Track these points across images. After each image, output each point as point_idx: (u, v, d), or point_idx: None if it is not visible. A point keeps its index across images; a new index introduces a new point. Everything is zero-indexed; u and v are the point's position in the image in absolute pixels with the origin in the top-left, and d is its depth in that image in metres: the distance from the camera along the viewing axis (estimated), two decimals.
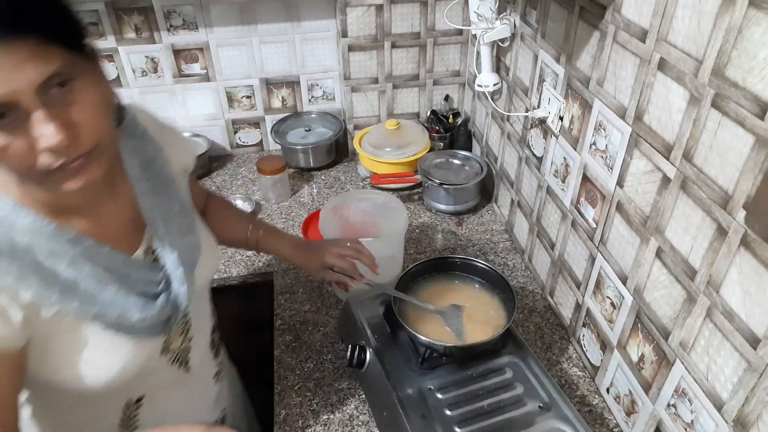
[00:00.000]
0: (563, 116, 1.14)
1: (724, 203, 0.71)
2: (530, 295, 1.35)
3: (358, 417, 1.07)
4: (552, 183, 1.24)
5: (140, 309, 0.73)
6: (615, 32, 0.92)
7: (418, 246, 1.49)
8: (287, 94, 1.87)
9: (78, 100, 0.61)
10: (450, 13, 1.64)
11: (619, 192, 0.96)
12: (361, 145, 1.73)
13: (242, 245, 1.10)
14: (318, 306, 1.31)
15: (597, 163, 1.03)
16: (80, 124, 0.61)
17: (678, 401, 0.86)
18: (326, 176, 1.81)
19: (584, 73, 1.04)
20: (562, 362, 1.18)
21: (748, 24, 0.64)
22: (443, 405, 0.94)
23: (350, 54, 1.70)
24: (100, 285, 0.70)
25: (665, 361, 0.88)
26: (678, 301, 0.83)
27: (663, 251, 0.86)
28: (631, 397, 1.00)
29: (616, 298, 1.01)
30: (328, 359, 1.18)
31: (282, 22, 1.71)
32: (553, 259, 1.27)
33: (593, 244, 1.07)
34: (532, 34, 1.26)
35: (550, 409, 0.93)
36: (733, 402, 0.74)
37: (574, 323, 1.19)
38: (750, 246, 0.68)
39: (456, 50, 1.76)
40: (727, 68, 0.68)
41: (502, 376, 0.99)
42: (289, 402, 1.10)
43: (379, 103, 1.82)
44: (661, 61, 0.81)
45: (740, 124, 0.67)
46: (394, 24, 1.67)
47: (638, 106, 0.88)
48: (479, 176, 1.58)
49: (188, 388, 0.90)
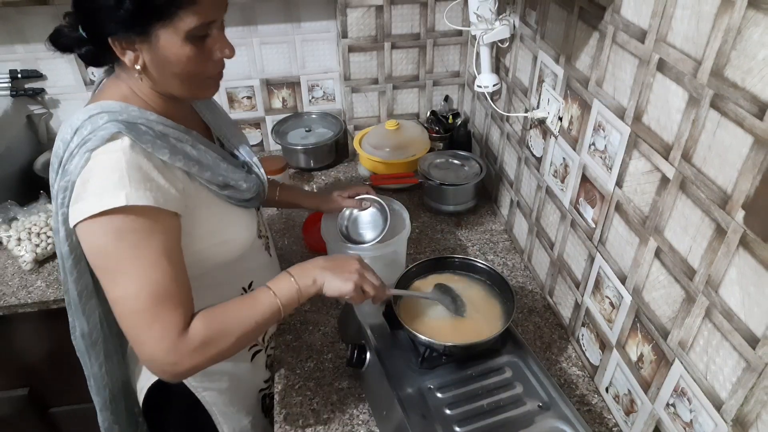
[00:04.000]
0: (562, 117, 1.15)
1: (723, 203, 0.72)
2: (530, 294, 1.35)
3: (358, 416, 1.07)
4: (551, 183, 1.24)
5: (245, 179, 0.94)
6: (614, 33, 0.92)
7: (418, 246, 1.50)
8: (288, 95, 1.87)
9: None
10: (450, 14, 1.64)
11: (618, 192, 0.96)
12: (361, 146, 1.74)
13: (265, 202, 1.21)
14: (318, 306, 1.32)
15: (596, 163, 1.03)
16: None
17: (677, 401, 0.86)
18: (326, 176, 1.82)
19: (583, 74, 1.04)
20: (561, 362, 1.18)
21: (747, 24, 0.64)
22: (443, 404, 0.94)
23: (350, 55, 1.71)
24: (216, 161, 0.89)
25: (664, 361, 0.88)
26: (677, 301, 0.83)
27: (662, 251, 0.86)
28: (630, 397, 1.00)
29: (615, 298, 1.01)
30: (328, 359, 1.18)
31: (282, 22, 1.72)
32: (553, 259, 1.27)
33: (592, 244, 1.07)
34: (532, 35, 1.26)
35: (550, 409, 0.93)
36: (732, 401, 0.74)
37: (574, 323, 1.20)
38: (749, 246, 0.68)
39: (456, 51, 1.76)
40: (726, 69, 0.68)
41: (501, 376, 0.99)
42: (289, 401, 1.10)
43: (379, 103, 1.83)
44: (660, 62, 0.81)
45: (739, 124, 0.67)
46: (394, 25, 1.67)
47: (637, 106, 0.88)
48: (479, 176, 1.58)
49: (274, 273, 0.99)
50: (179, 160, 0.82)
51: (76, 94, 1.76)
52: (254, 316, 0.83)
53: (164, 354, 0.77)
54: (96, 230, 0.76)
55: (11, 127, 1.69)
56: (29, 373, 1.58)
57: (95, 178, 0.76)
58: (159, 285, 0.76)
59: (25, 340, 1.49)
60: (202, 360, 0.79)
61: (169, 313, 0.77)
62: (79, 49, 0.82)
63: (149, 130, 0.81)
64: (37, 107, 1.77)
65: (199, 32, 0.78)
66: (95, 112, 0.80)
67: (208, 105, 1.03)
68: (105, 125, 0.78)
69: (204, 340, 0.78)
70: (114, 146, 0.77)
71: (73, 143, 0.79)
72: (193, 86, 0.85)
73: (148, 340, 0.77)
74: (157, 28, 0.76)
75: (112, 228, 0.75)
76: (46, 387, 1.63)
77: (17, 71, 1.68)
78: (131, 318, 0.77)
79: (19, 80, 1.70)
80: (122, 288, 0.77)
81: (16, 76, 1.68)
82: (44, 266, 1.45)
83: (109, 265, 0.78)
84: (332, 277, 0.88)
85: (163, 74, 0.82)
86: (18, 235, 1.43)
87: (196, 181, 0.86)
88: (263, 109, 1.88)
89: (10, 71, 1.68)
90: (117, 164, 0.76)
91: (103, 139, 0.77)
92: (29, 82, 1.72)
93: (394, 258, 1.26)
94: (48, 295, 1.37)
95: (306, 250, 1.49)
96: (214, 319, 0.81)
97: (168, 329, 0.76)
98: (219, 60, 0.84)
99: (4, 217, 1.47)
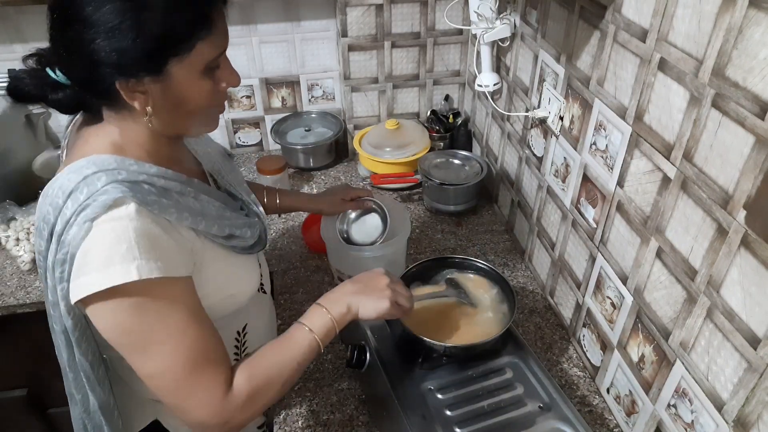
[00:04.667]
0: (563, 116, 1.14)
1: (724, 203, 0.71)
2: (530, 295, 1.35)
3: (358, 417, 1.06)
4: (552, 183, 1.23)
5: (249, 226, 0.89)
6: (615, 32, 0.92)
7: (418, 246, 1.49)
8: (287, 94, 1.86)
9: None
10: (450, 12, 1.63)
11: (620, 192, 0.96)
12: (361, 145, 1.73)
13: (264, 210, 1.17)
14: None
15: (597, 163, 1.03)
16: None
17: (678, 401, 0.86)
18: (326, 176, 1.81)
19: (584, 73, 1.04)
20: (562, 362, 1.18)
21: (749, 24, 0.64)
22: (443, 405, 0.94)
23: (350, 54, 1.70)
24: (219, 210, 0.84)
25: (665, 362, 0.88)
26: (678, 302, 0.83)
27: (663, 251, 0.86)
28: (631, 398, 0.99)
29: (617, 299, 1.01)
30: (328, 359, 1.18)
31: (282, 21, 1.71)
32: (554, 259, 1.27)
33: (593, 244, 1.07)
34: (533, 34, 1.26)
35: (551, 410, 0.93)
36: (733, 402, 0.74)
37: (575, 323, 1.19)
38: (750, 246, 0.67)
39: (456, 50, 1.76)
40: (727, 68, 0.68)
41: (502, 377, 0.99)
42: (289, 402, 1.10)
43: (379, 102, 1.82)
44: (662, 61, 0.81)
45: (740, 124, 0.67)
46: (394, 24, 1.66)
47: (638, 105, 0.88)
48: (479, 176, 1.57)
49: (268, 310, 1.01)
50: (186, 219, 0.76)
51: None
52: (295, 357, 0.81)
53: (213, 417, 0.74)
54: (113, 308, 0.70)
55: (10, 127, 1.68)
56: (28, 373, 1.58)
57: (100, 249, 0.68)
58: (194, 350, 0.73)
59: (24, 341, 1.48)
60: (251, 413, 0.77)
61: (210, 375, 0.74)
62: (54, 94, 0.74)
63: (152, 188, 0.74)
64: (35, 107, 1.77)
65: (214, 64, 0.74)
66: (90, 172, 0.71)
67: (205, 142, 0.98)
68: (105, 188, 0.69)
69: (250, 395, 0.76)
70: (119, 213, 0.69)
71: (67, 209, 0.70)
72: (202, 122, 0.81)
73: (195, 408, 0.74)
74: (172, 64, 0.70)
75: (130, 304, 0.70)
76: (45, 388, 1.62)
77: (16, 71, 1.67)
78: (172, 389, 0.73)
79: None
80: (156, 362, 0.72)
81: None
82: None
83: (136, 342, 0.72)
84: (366, 299, 0.86)
85: (176, 115, 0.76)
86: (16, 235, 1.43)
87: (201, 235, 0.80)
88: (262, 108, 1.87)
89: (9, 71, 1.67)
90: (124, 234, 0.68)
91: (106, 206, 0.68)
92: None
93: (394, 258, 1.25)
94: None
95: (305, 249, 1.49)
96: (256, 370, 0.78)
97: (212, 392, 0.74)
98: (224, 90, 0.79)
99: (3, 217, 1.47)
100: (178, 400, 0.74)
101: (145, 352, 0.72)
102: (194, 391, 0.73)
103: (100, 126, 0.78)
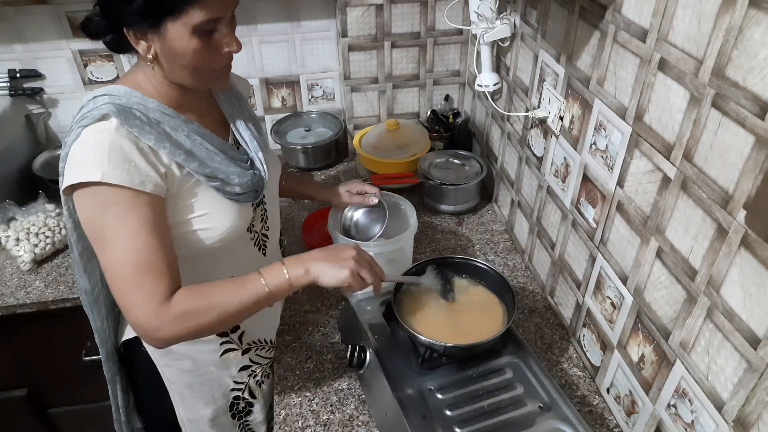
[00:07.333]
0: (563, 116, 1.14)
1: (724, 203, 0.71)
2: (530, 295, 1.35)
3: (358, 417, 1.06)
4: (552, 183, 1.23)
5: (238, 175, 0.95)
6: (615, 32, 0.92)
7: (418, 246, 1.49)
8: (287, 94, 1.87)
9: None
10: (450, 12, 1.63)
11: (620, 192, 0.96)
12: (361, 145, 1.73)
13: (279, 190, 1.24)
14: (318, 306, 1.31)
15: (597, 163, 1.03)
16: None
17: (678, 401, 0.86)
18: (326, 176, 1.81)
19: (584, 73, 1.04)
20: (562, 362, 1.18)
21: (749, 24, 0.64)
22: (443, 405, 0.94)
23: (350, 54, 1.70)
24: (210, 154, 0.93)
25: (665, 362, 0.88)
26: (678, 302, 0.83)
27: (663, 251, 0.86)
28: (631, 398, 0.99)
29: (617, 299, 1.01)
30: (328, 359, 1.18)
31: (282, 21, 1.71)
32: (554, 259, 1.27)
33: (593, 244, 1.07)
34: (533, 34, 1.26)
35: (551, 410, 0.93)
36: (733, 402, 0.74)
37: (575, 323, 1.19)
38: (750, 246, 0.67)
39: (456, 50, 1.76)
40: (727, 68, 0.68)
41: (502, 377, 0.99)
42: (289, 402, 1.10)
43: (379, 102, 1.82)
44: (662, 61, 0.81)
45: (740, 124, 0.67)
46: (394, 24, 1.66)
47: (638, 105, 0.88)
48: (479, 176, 1.57)
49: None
50: (165, 147, 0.86)
51: (75, 93, 1.75)
52: (239, 297, 0.86)
53: (146, 320, 0.83)
54: (85, 201, 0.83)
55: (10, 127, 1.68)
56: (28, 373, 1.58)
57: (81, 152, 0.83)
58: (140, 255, 0.82)
59: (24, 341, 1.49)
60: (182, 329, 0.84)
61: (152, 281, 0.82)
62: (104, 36, 0.88)
63: (142, 116, 0.86)
64: (35, 107, 1.77)
65: (205, 27, 0.83)
66: (99, 94, 0.87)
67: (228, 97, 1.05)
68: (101, 106, 0.84)
69: (185, 310, 0.83)
70: (102, 126, 0.83)
71: (74, 118, 0.87)
72: (201, 78, 0.90)
73: (133, 307, 0.83)
74: (167, 21, 0.81)
75: (97, 200, 0.82)
76: (45, 388, 1.63)
77: (16, 71, 1.68)
78: (118, 284, 0.83)
79: (18, 80, 1.69)
80: (109, 256, 0.83)
81: (15, 75, 1.68)
82: (43, 266, 1.45)
83: (97, 234, 0.84)
84: (327, 266, 0.90)
85: (173, 65, 0.87)
86: (16, 235, 1.43)
87: (184, 168, 0.89)
88: (262, 108, 1.87)
89: (9, 71, 1.68)
90: (101, 143, 0.82)
91: (95, 118, 0.83)
92: (28, 81, 1.72)
93: (399, 256, 1.26)
94: (46, 295, 1.37)
95: (306, 250, 1.49)
96: (199, 293, 0.85)
97: (150, 297, 0.82)
98: (227, 54, 0.89)
99: (3, 217, 1.47)
100: (122, 296, 0.84)
101: (102, 245, 0.84)
102: (135, 292, 0.82)
103: (135, 66, 0.93)
